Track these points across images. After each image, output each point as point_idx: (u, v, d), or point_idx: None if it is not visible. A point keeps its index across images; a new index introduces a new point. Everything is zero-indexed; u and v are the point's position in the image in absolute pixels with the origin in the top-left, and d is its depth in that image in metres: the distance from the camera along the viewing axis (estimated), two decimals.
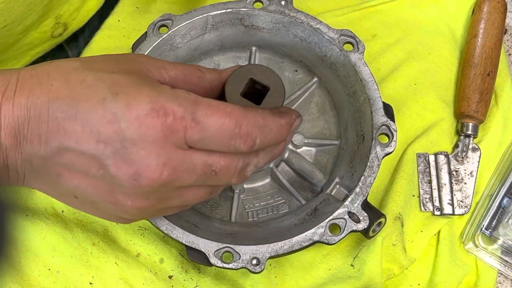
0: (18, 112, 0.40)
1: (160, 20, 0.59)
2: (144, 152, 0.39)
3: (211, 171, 0.42)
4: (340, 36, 0.59)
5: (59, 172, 0.41)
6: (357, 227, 0.52)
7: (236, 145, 0.41)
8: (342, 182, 0.57)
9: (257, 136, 0.42)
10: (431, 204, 0.62)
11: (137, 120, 0.39)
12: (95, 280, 0.57)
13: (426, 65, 0.68)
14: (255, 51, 0.63)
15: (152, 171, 0.40)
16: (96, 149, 0.39)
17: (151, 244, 0.59)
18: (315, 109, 0.62)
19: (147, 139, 0.39)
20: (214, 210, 0.58)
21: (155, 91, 0.40)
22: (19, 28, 0.60)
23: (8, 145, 0.40)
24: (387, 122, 0.55)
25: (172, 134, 0.40)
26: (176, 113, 0.40)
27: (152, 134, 0.39)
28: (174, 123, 0.40)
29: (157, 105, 0.39)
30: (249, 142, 0.42)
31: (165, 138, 0.40)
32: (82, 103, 0.39)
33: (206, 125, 0.40)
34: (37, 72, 0.42)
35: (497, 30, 0.66)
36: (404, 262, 0.59)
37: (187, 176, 0.42)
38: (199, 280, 0.58)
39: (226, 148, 0.42)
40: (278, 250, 0.51)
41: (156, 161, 0.40)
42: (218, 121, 0.40)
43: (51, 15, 0.64)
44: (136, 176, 0.40)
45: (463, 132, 0.64)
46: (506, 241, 0.60)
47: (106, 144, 0.39)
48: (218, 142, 0.41)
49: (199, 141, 0.41)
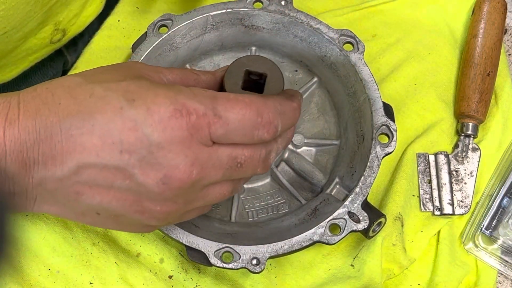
0: (26, 135, 0.39)
1: (160, 20, 0.59)
2: (171, 155, 0.39)
3: (236, 163, 0.42)
4: (340, 36, 0.59)
5: (79, 191, 0.40)
6: (357, 227, 0.52)
7: (260, 135, 0.41)
8: (342, 182, 0.57)
9: (279, 123, 0.42)
10: (431, 204, 0.62)
11: (160, 123, 0.38)
12: (95, 280, 0.57)
13: (426, 65, 0.68)
14: (255, 51, 0.63)
15: (182, 172, 0.39)
16: (120, 159, 0.38)
17: (151, 244, 0.59)
18: (315, 109, 0.62)
19: (173, 140, 0.39)
20: (214, 210, 0.58)
21: (172, 92, 0.40)
22: (18, 35, 0.60)
23: (16, 171, 0.39)
24: (387, 122, 0.55)
25: (197, 132, 0.39)
26: (198, 110, 0.39)
27: (178, 135, 0.39)
28: (198, 121, 0.39)
29: (178, 105, 0.39)
30: (272, 130, 0.42)
31: (191, 137, 0.39)
32: (97, 115, 0.38)
33: (229, 119, 0.40)
34: (38, 93, 0.40)
35: (497, 30, 0.66)
36: (404, 262, 0.59)
37: (214, 172, 0.41)
38: (199, 280, 0.58)
39: (249, 138, 0.41)
40: (278, 250, 0.51)
41: (184, 162, 0.39)
42: (240, 113, 0.40)
43: (50, 21, 0.64)
44: (166, 179, 0.39)
45: (463, 132, 0.64)
46: (506, 241, 0.60)
47: (130, 153, 0.38)
48: (242, 133, 0.41)
49: (223, 136, 0.40)
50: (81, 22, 0.68)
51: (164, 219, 0.43)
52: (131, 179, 0.39)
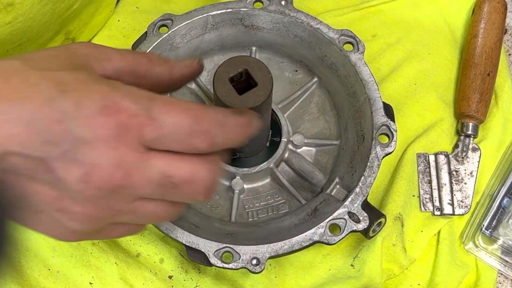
0: None
1: (160, 20, 0.59)
2: (95, 152, 0.37)
3: (171, 183, 0.39)
4: (340, 36, 0.59)
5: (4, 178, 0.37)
6: (357, 227, 0.52)
7: (194, 144, 0.39)
8: (342, 182, 0.57)
9: (217, 134, 0.39)
10: (431, 204, 0.62)
11: (88, 118, 0.36)
12: (95, 280, 0.57)
13: (426, 65, 0.68)
14: (255, 51, 0.63)
15: (104, 172, 0.37)
16: (43, 150, 0.36)
17: (151, 244, 0.59)
18: (315, 109, 0.62)
19: (99, 138, 0.37)
20: (214, 210, 0.58)
21: (106, 87, 0.38)
22: (33, 46, 0.60)
23: None
24: (387, 122, 0.55)
25: (126, 132, 0.37)
26: (130, 110, 0.37)
27: (104, 133, 0.37)
28: (128, 121, 0.37)
29: (109, 102, 0.37)
30: (208, 140, 0.39)
31: (118, 137, 0.37)
32: (27, 103, 0.36)
33: (163, 122, 0.38)
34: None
35: (497, 30, 0.66)
36: (404, 262, 0.59)
37: (143, 184, 0.38)
38: (199, 280, 0.58)
39: (185, 147, 0.39)
40: (278, 250, 0.51)
41: (107, 162, 0.37)
42: (176, 117, 0.38)
43: (62, 31, 0.64)
44: (86, 177, 0.37)
45: (463, 132, 0.64)
46: (506, 241, 0.60)
47: (54, 145, 0.36)
48: (177, 140, 0.38)
49: (156, 140, 0.38)
50: (89, 31, 0.68)
51: (88, 224, 0.40)
52: (52, 173, 0.37)
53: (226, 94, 0.48)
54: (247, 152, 0.58)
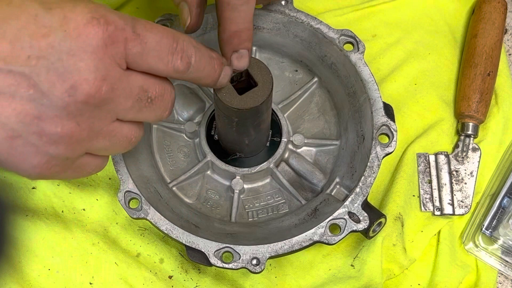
0: None
1: (160, 20, 0.59)
2: (82, 64, 0.37)
3: (147, 97, 0.42)
4: (340, 36, 0.59)
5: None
6: (357, 227, 0.52)
7: (174, 61, 0.41)
8: (342, 182, 0.57)
9: (192, 55, 0.42)
10: (431, 204, 0.62)
11: (75, 30, 0.37)
12: (95, 280, 0.57)
13: (426, 65, 0.68)
14: (255, 51, 0.63)
15: (91, 84, 0.38)
16: (27, 65, 0.36)
17: (151, 244, 0.59)
18: (315, 109, 0.62)
19: (86, 49, 0.37)
20: (214, 210, 0.58)
21: (92, 4, 0.39)
22: None
23: None
24: (387, 122, 0.55)
25: (113, 45, 0.38)
26: (118, 23, 0.39)
27: (92, 44, 0.37)
28: (116, 33, 0.38)
29: (97, 14, 0.38)
30: (185, 59, 0.42)
31: (105, 48, 0.38)
32: (11, 21, 0.37)
33: (146, 37, 0.40)
34: None
35: (497, 30, 0.66)
36: (404, 262, 0.59)
37: (124, 99, 0.40)
38: (199, 280, 0.58)
39: (165, 64, 0.41)
40: (278, 250, 0.51)
41: (94, 74, 0.38)
42: (158, 34, 0.40)
43: None
44: (72, 90, 0.37)
45: (464, 132, 0.64)
46: (506, 241, 0.60)
47: (38, 58, 0.37)
48: (158, 56, 0.41)
49: (139, 55, 0.40)
50: None
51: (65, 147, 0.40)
52: (35, 89, 0.37)
53: (226, 94, 0.48)
54: (247, 152, 0.58)
